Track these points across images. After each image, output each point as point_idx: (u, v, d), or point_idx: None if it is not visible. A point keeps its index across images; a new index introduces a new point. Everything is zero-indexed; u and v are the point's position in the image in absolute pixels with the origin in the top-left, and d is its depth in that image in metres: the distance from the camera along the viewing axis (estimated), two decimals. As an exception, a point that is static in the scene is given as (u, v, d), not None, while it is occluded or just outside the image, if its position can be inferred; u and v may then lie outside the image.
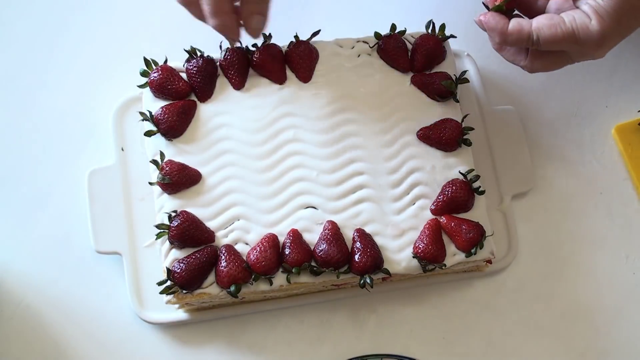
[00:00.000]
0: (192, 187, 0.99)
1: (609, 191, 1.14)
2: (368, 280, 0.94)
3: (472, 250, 0.96)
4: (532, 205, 1.12)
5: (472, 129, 1.03)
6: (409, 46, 1.06)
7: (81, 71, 1.18)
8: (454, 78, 1.04)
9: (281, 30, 1.05)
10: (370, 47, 1.06)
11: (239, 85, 1.04)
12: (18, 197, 1.11)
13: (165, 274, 0.95)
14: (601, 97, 1.18)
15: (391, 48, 1.05)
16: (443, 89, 1.03)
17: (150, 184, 0.99)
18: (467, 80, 1.06)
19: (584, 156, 1.15)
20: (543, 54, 0.95)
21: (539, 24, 0.90)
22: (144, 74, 1.03)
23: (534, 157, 1.13)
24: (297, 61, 1.04)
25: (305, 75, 1.04)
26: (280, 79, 1.04)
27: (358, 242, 0.96)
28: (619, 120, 1.16)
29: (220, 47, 1.04)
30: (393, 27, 1.06)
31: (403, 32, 1.06)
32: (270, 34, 1.04)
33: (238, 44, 1.02)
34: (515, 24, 0.92)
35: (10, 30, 1.20)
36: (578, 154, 1.15)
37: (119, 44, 1.19)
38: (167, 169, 0.98)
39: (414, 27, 1.07)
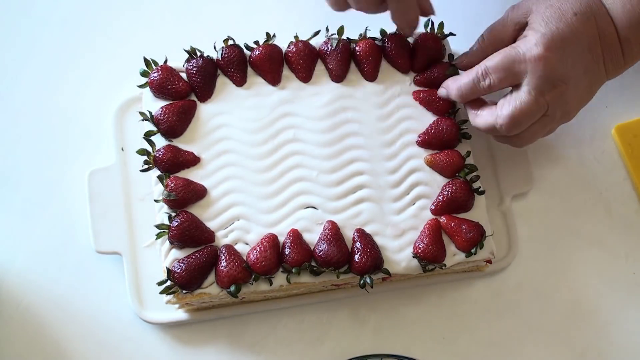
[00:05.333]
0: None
1: (609, 191, 1.14)
2: (368, 281, 0.94)
3: (472, 250, 0.96)
4: (532, 205, 1.12)
5: (466, 121, 1.03)
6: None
7: (81, 71, 1.18)
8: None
9: (282, 30, 1.05)
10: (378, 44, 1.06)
11: (240, 82, 1.04)
12: (18, 197, 1.11)
13: (165, 274, 0.95)
14: (601, 97, 1.17)
15: (393, 47, 1.05)
16: (449, 78, 1.03)
17: (156, 201, 0.99)
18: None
19: (584, 156, 1.15)
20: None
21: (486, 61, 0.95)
22: (144, 74, 1.03)
23: (534, 157, 1.13)
24: (297, 61, 1.04)
25: (305, 75, 1.04)
26: (274, 81, 1.04)
27: (358, 242, 0.96)
28: (619, 120, 1.16)
29: (215, 47, 1.04)
30: None
31: None
32: (274, 34, 1.04)
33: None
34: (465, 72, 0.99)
35: (10, 31, 1.20)
36: (578, 154, 1.15)
37: (119, 44, 1.19)
38: (172, 185, 0.97)
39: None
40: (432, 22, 1.06)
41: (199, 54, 1.03)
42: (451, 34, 1.07)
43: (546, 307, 1.09)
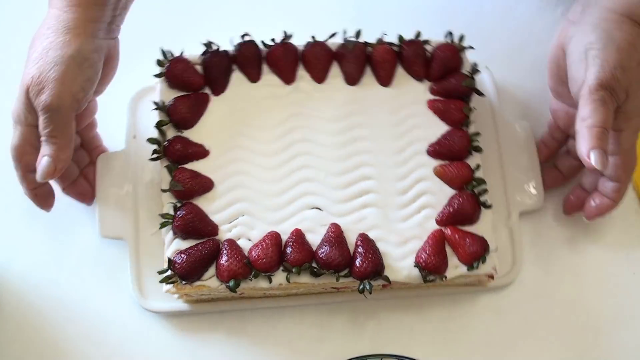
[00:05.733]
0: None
1: None
2: (367, 287, 0.94)
3: (475, 264, 0.96)
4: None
5: (479, 134, 1.03)
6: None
7: None
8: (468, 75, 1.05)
9: (299, 29, 1.06)
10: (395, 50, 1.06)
11: (254, 78, 1.05)
12: (19, 196, 1.11)
13: (166, 264, 0.95)
14: None
15: (410, 54, 1.05)
16: (466, 89, 1.04)
17: (163, 191, 0.99)
18: (478, 71, 1.06)
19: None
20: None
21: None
22: (160, 64, 1.04)
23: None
24: (312, 61, 1.04)
25: (319, 76, 1.04)
26: (288, 79, 1.05)
27: (360, 247, 0.95)
28: None
29: (231, 42, 1.04)
30: (418, 34, 1.06)
31: (426, 41, 1.06)
32: (291, 33, 1.05)
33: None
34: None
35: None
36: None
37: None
38: (179, 176, 0.98)
39: (432, 36, 1.07)
40: (452, 33, 1.06)
41: (215, 47, 1.04)
42: (470, 47, 1.06)
43: (548, 311, 1.09)
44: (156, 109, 1.02)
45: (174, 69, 1.02)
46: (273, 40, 1.05)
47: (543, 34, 1.22)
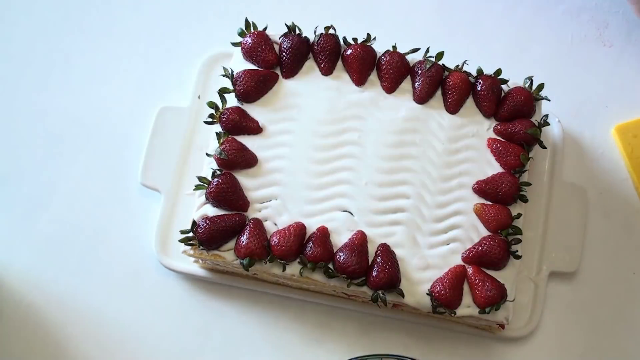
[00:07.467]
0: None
1: (608, 191, 1.14)
2: (381, 297, 0.94)
3: (488, 309, 0.94)
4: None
5: (529, 184, 1.01)
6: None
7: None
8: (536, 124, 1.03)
9: (385, 35, 1.06)
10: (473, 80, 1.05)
11: (326, 71, 1.05)
12: (19, 196, 1.14)
13: (191, 226, 0.96)
14: (601, 97, 1.19)
15: (484, 89, 1.03)
16: (529, 137, 1.02)
17: (207, 155, 1.01)
18: (548, 124, 1.04)
19: (584, 156, 1.16)
20: None
21: None
22: (241, 34, 1.05)
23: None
24: (386, 70, 1.04)
25: (390, 86, 1.04)
26: (359, 81, 1.05)
27: (379, 257, 0.95)
28: (619, 120, 1.17)
29: (315, 31, 1.05)
30: (498, 71, 1.05)
31: (505, 80, 1.05)
32: (375, 36, 1.05)
33: None
34: None
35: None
36: (578, 154, 1.16)
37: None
38: (227, 145, 0.99)
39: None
40: (532, 80, 1.04)
41: (297, 32, 1.05)
42: (546, 98, 1.05)
43: None
44: (224, 75, 1.03)
45: (250, 43, 1.04)
46: (355, 39, 1.05)
47: (543, 34, 1.23)
